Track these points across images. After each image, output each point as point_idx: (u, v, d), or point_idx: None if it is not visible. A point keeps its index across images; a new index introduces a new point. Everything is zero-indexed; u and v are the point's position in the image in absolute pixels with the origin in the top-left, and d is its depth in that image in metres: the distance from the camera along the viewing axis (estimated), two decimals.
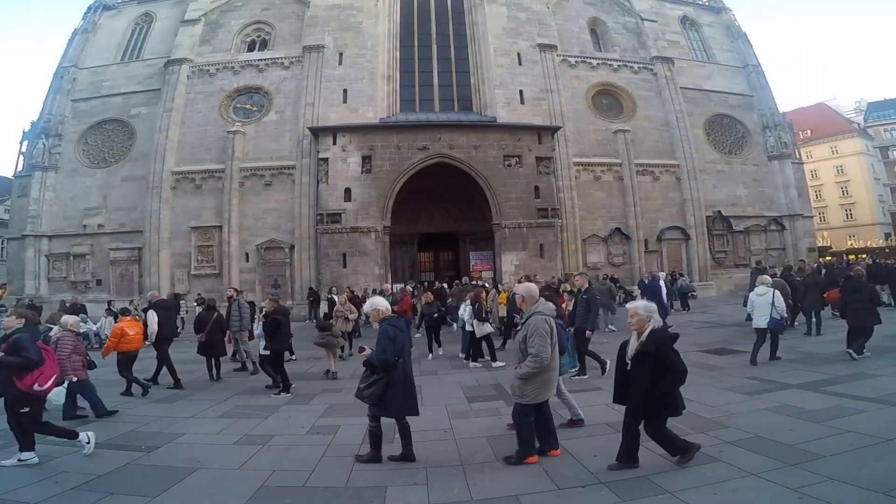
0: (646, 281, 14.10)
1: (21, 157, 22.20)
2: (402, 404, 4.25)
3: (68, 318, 6.59)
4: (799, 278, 11.46)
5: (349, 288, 15.13)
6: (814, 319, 10.27)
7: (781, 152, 23.85)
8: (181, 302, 16.33)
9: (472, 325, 9.05)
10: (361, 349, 4.56)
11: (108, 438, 5.43)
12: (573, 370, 6.59)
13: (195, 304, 15.08)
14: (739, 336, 10.56)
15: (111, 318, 14.15)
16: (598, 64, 23.34)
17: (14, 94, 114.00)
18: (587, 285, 8.10)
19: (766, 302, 7.68)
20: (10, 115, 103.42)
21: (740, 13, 25.39)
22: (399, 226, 19.38)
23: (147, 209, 19.87)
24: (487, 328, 9.11)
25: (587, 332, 7.57)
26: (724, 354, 8.84)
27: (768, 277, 8.68)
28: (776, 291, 7.86)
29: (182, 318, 15.18)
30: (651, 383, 3.67)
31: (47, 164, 21.08)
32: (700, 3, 28.19)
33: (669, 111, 22.84)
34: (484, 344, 9.17)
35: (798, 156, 25.83)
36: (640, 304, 4.06)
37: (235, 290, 10.71)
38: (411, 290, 14.88)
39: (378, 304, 4.63)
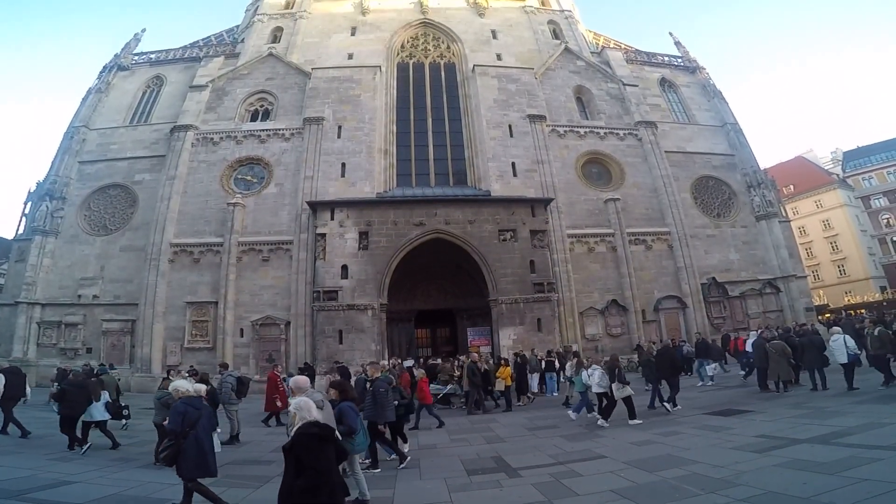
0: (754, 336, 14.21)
1: (23, 219, 22.08)
2: (193, 467, 5.02)
3: (201, 387, 7.69)
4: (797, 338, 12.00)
5: (306, 363, 14.54)
6: (817, 375, 10.56)
7: (767, 211, 23.81)
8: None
9: (604, 389, 9.57)
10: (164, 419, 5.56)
11: (89, 501, 5.40)
12: (367, 461, 6.87)
13: (186, 374, 15.12)
14: (744, 397, 10.72)
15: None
16: (585, 132, 24.00)
17: (23, 155, 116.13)
18: (377, 375, 7.81)
19: (840, 345, 10.10)
20: (17, 176, 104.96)
21: (712, 71, 26.76)
22: (396, 303, 19.28)
23: (144, 282, 19.75)
24: (628, 390, 9.44)
25: (378, 425, 6.95)
26: (729, 416, 8.82)
27: (838, 327, 11.35)
28: (846, 335, 10.36)
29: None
30: (292, 479, 3.57)
31: (48, 229, 21.04)
32: (676, 63, 29.56)
33: (657, 177, 23.23)
34: (616, 404, 9.54)
35: (784, 213, 25.79)
36: (294, 402, 4.15)
37: (221, 365, 11.20)
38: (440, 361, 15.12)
39: (179, 386, 5.74)
